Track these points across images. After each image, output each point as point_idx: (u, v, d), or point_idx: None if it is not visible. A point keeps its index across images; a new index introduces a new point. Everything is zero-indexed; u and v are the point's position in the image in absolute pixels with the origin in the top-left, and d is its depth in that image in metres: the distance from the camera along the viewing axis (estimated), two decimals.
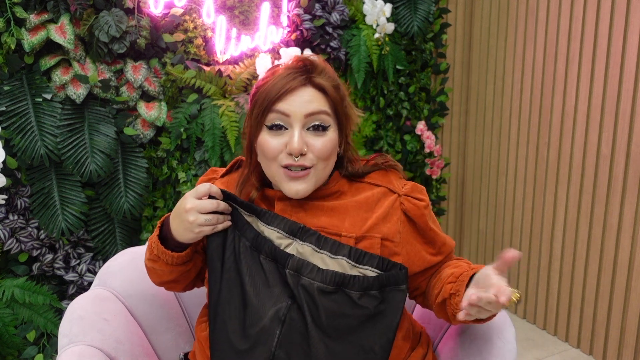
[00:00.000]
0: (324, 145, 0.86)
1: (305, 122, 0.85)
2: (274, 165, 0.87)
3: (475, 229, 2.58)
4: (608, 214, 1.88)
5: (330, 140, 0.87)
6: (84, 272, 1.81)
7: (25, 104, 1.67)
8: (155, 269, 0.93)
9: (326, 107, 0.87)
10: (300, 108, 0.84)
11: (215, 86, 1.94)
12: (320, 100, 0.86)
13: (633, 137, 1.76)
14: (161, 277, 0.95)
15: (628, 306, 1.84)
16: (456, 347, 1.05)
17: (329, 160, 0.88)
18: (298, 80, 0.85)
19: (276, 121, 0.85)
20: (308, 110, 0.85)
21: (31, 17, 1.64)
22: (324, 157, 0.86)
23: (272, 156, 0.86)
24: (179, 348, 1.18)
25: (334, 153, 0.89)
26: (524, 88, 2.20)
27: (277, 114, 0.85)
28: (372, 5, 2.23)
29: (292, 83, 0.85)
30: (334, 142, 0.88)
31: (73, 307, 1.05)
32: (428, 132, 2.51)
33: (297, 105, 0.84)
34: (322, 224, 0.89)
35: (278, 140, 0.85)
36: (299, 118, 0.85)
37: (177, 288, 1.00)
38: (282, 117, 0.85)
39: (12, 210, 1.71)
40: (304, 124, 0.85)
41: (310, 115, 0.85)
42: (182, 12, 1.90)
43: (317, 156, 0.86)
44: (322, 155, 0.86)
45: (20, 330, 1.67)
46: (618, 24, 1.78)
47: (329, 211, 0.91)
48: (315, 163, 0.86)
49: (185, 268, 0.93)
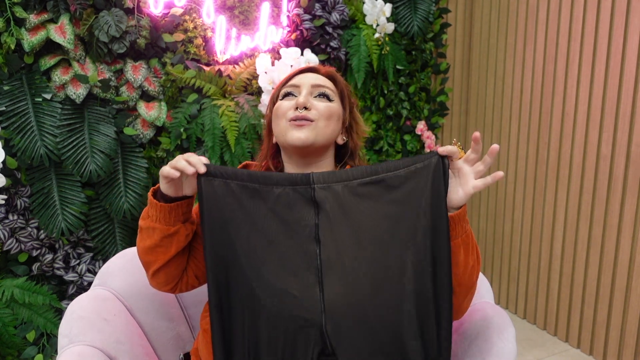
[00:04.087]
0: (326, 106, 0.98)
1: (312, 90, 0.99)
2: (282, 122, 0.97)
3: (475, 229, 2.58)
4: (608, 214, 1.88)
5: (333, 107, 0.99)
6: (84, 272, 1.81)
7: (25, 103, 1.67)
8: (142, 229, 0.94)
9: (332, 87, 1.02)
10: (308, 80, 1.00)
11: (215, 86, 1.94)
12: (328, 82, 1.02)
13: (633, 138, 1.76)
14: (144, 241, 0.94)
15: (628, 306, 1.84)
16: (456, 347, 1.05)
17: (330, 120, 0.99)
18: (310, 67, 1.04)
19: (288, 90, 1.01)
20: (315, 82, 1.00)
21: (31, 17, 1.64)
22: (326, 115, 0.97)
23: (282, 112, 0.98)
24: (179, 348, 1.18)
25: (335, 118, 1.00)
26: (524, 88, 2.20)
27: (289, 87, 1.01)
28: (372, 5, 2.23)
29: (305, 68, 1.04)
30: (337, 110, 1.00)
31: (73, 307, 1.05)
32: (428, 132, 2.51)
33: (306, 79, 1.01)
34: None
35: (289, 102, 0.99)
36: (307, 86, 0.99)
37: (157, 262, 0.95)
38: (293, 88, 1.00)
39: (12, 210, 1.71)
40: (311, 92, 0.99)
41: (317, 85, 1.00)
42: (182, 12, 1.90)
43: (319, 113, 0.97)
44: (323, 113, 0.97)
45: (20, 331, 1.67)
46: (618, 24, 1.78)
47: None
48: (317, 118, 0.96)
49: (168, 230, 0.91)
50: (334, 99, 1.01)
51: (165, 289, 1.00)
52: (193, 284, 1.02)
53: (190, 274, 1.01)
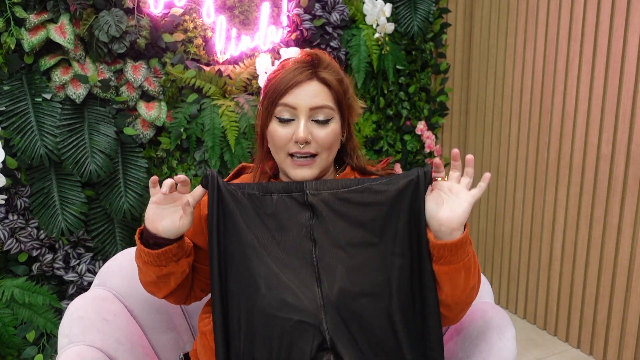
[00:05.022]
0: (326, 135, 0.95)
1: (311, 114, 0.94)
2: (282, 154, 0.96)
3: (475, 229, 2.58)
4: (608, 214, 1.88)
5: (332, 131, 0.96)
6: (84, 272, 1.81)
7: (25, 104, 1.67)
8: (138, 266, 0.97)
9: (330, 102, 0.96)
10: (305, 101, 0.93)
11: (215, 86, 1.94)
12: (325, 94, 0.95)
13: (633, 138, 1.76)
14: (143, 276, 0.98)
15: (628, 306, 1.84)
16: (456, 347, 1.05)
17: (331, 149, 0.97)
18: (305, 74, 0.94)
19: (284, 114, 0.95)
20: (313, 104, 0.93)
21: (31, 17, 1.64)
22: (327, 146, 0.95)
23: (280, 145, 0.95)
24: (179, 348, 1.18)
25: (336, 142, 0.98)
26: (524, 88, 2.20)
27: (285, 107, 0.94)
28: (372, 5, 2.23)
29: (299, 77, 0.94)
30: (336, 132, 0.97)
31: (73, 307, 1.05)
32: (428, 132, 2.51)
33: (303, 98, 0.93)
34: None
35: (286, 130, 0.94)
36: (305, 110, 0.93)
37: (161, 292, 1.00)
38: (290, 109, 0.94)
39: (12, 210, 1.71)
40: (309, 116, 0.94)
41: (315, 108, 0.94)
42: (182, 12, 1.90)
43: (320, 145, 0.95)
44: (325, 145, 0.95)
45: (20, 331, 1.67)
46: (618, 24, 1.78)
47: None
48: (319, 152, 0.95)
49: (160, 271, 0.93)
50: (332, 117, 0.95)
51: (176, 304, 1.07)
52: (200, 296, 1.07)
53: (196, 291, 1.05)
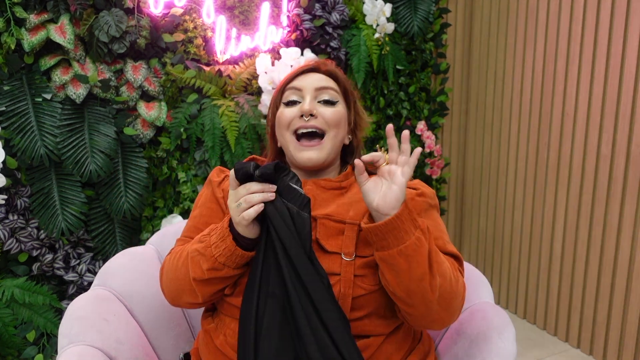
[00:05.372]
0: (332, 114, 0.95)
1: (316, 94, 0.96)
2: (287, 134, 0.95)
3: (475, 229, 2.58)
4: (608, 214, 1.88)
5: (338, 112, 0.96)
6: (84, 272, 1.81)
7: (25, 104, 1.67)
8: (211, 280, 0.87)
9: (335, 87, 0.98)
10: (311, 83, 0.97)
11: (215, 86, 1.94)
12: (330, 82, 0.99)
13: (633, 138, 1.76)
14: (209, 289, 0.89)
15: (628, 306, 1.84)
16: (456, 348, 1.05)
17: (338, 128, 0.96)
18: (311, 67, 1.00)
19: (291, 97, 0.96)
20: (318, 85, 0.96)
21: (31, 17, 1.64)
22: (334, 123, 0.95)
23: (286, 122, 0.95)
24: (179, 348, 1.18)
25: (343, 124, 0.97)
26: (524, 88, 2.20)
27: (291, 90, 0.97)
28: (372, 5, 2.23)
29: (305, 68, 1.00)
30: (342, 114, 0.97)
31: (73, 307, 1.05)
32: (428, 132, 2.51)
33: (309, 81, 0.97)
34: (328, 211, 0.94)
35: (292, 110, 0.95)
36: (310, 90, 0.96)
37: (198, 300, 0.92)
38: (296, 91, 0.96)
39: (12, 210, 1.71)
40: (315, 96, 0.96)
41: (321, 88, 0.96)
42: (182, 12, 1.90)
43: (326, 121, 0.94)
44: (331, 122, 0.94)
45: (20, 331, 1.67)
46: (618, 25, 1.78)
47: (339, 202, 0.95)
48: (325, 129, 0.94)
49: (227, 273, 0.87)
50: (338, 101, 0.98)
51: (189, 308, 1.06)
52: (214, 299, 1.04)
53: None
